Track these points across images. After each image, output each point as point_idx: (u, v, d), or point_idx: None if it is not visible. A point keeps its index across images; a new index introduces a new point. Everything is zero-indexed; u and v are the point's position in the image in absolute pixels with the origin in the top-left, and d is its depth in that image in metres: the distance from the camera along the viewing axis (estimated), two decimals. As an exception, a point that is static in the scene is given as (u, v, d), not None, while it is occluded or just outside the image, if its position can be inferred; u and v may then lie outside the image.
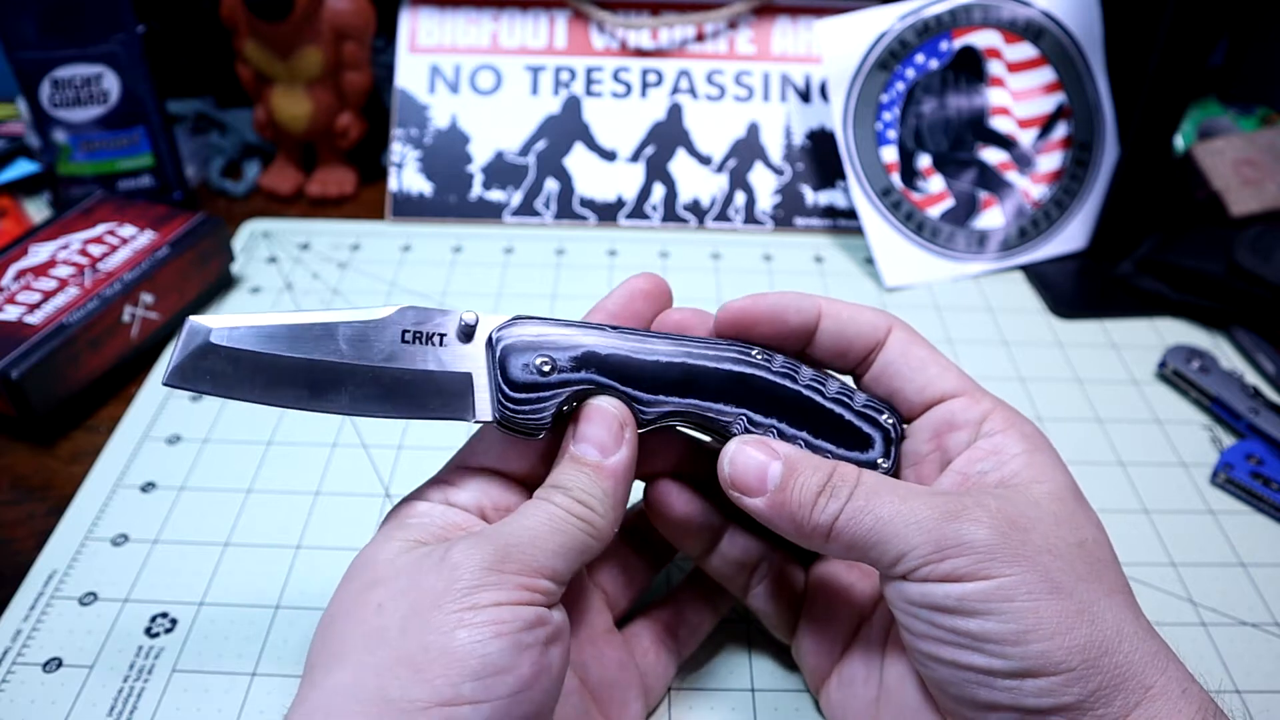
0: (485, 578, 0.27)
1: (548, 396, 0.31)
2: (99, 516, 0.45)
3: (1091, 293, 0.62)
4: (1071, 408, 0.53)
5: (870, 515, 0.29)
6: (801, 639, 0.36)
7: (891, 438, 0.33)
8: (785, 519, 0.30)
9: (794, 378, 0.33)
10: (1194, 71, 0.59)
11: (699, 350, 0.32)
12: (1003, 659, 0.27)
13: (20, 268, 0.53)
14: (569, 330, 0.32)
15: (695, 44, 0.69)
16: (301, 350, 0.31)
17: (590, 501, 0.30)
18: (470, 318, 0.32)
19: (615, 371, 0.32)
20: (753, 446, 0.31)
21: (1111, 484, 0.48)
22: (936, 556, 0.28)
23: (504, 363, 0.31)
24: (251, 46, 0.66)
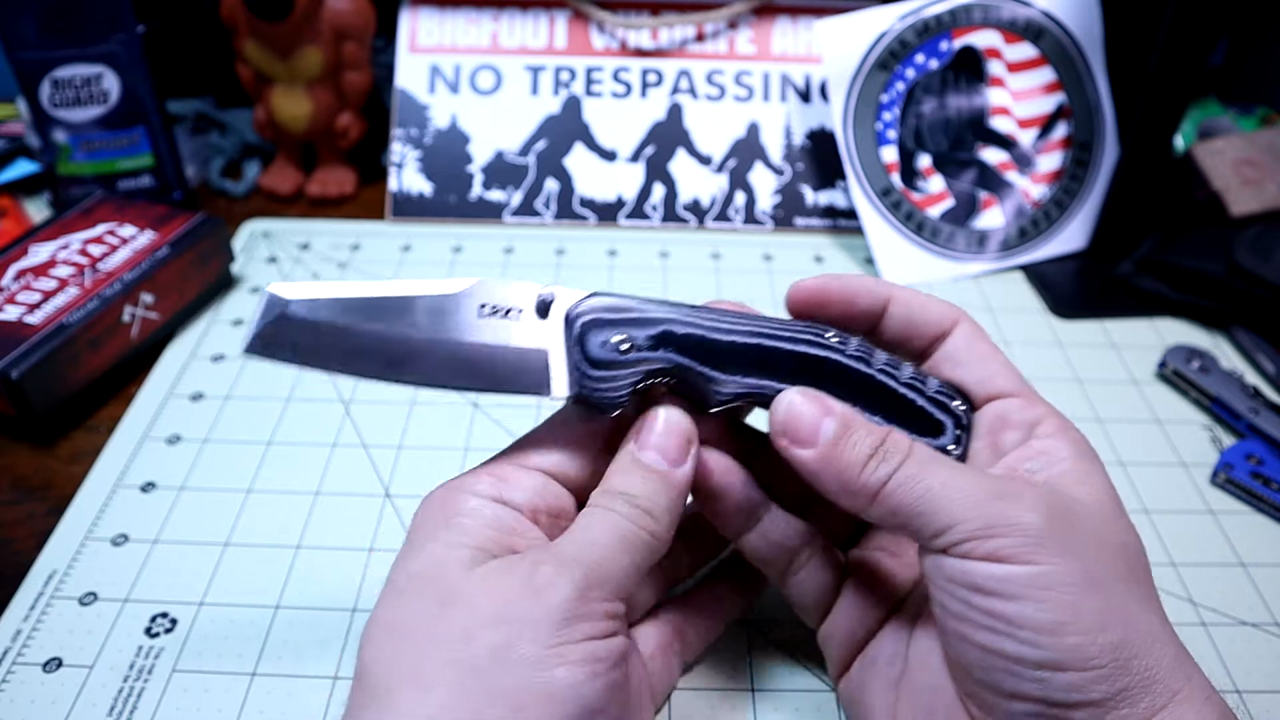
0: (577, 609, 0.27)
1: (625, 374, 0.31)
2: (99, 516, 0.45)
3: (1091, 293, 0.62)
4: (1071, 408, 0.53)
5: (921, 484, 0.29)
6: (832, 624, 0.35)
7: (963, 424, 0.33)
8: (833, 475, 0.30)
9: (868, 361, 0.32)
10: (1194, 71, 0.59)
11: (774, 331, 0.32)
12: (1035, 648, 0.27)
13: (20, 268, 0.53)
14: (647, 308, 0.32)
15: (695, 44, 0.69)
16: (379, 323, 0.30)
17: (656, 511, 0.30)
18: (547, 293, 0.32)
19: (692, 350, 0.32)
20: (809, 398, 0.31)
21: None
22: (983, 533, 0.28)
23: (583, 340, 0.31)
24: (251, 46, 0.66)
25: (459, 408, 0.52)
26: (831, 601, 0.35)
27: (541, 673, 0.26)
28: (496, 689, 0.25)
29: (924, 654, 0.32)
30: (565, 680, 0.26)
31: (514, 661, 0.26)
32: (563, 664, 0.26)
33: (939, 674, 0.31)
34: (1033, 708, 0.27)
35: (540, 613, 0.26)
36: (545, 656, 0.26)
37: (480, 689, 0.26)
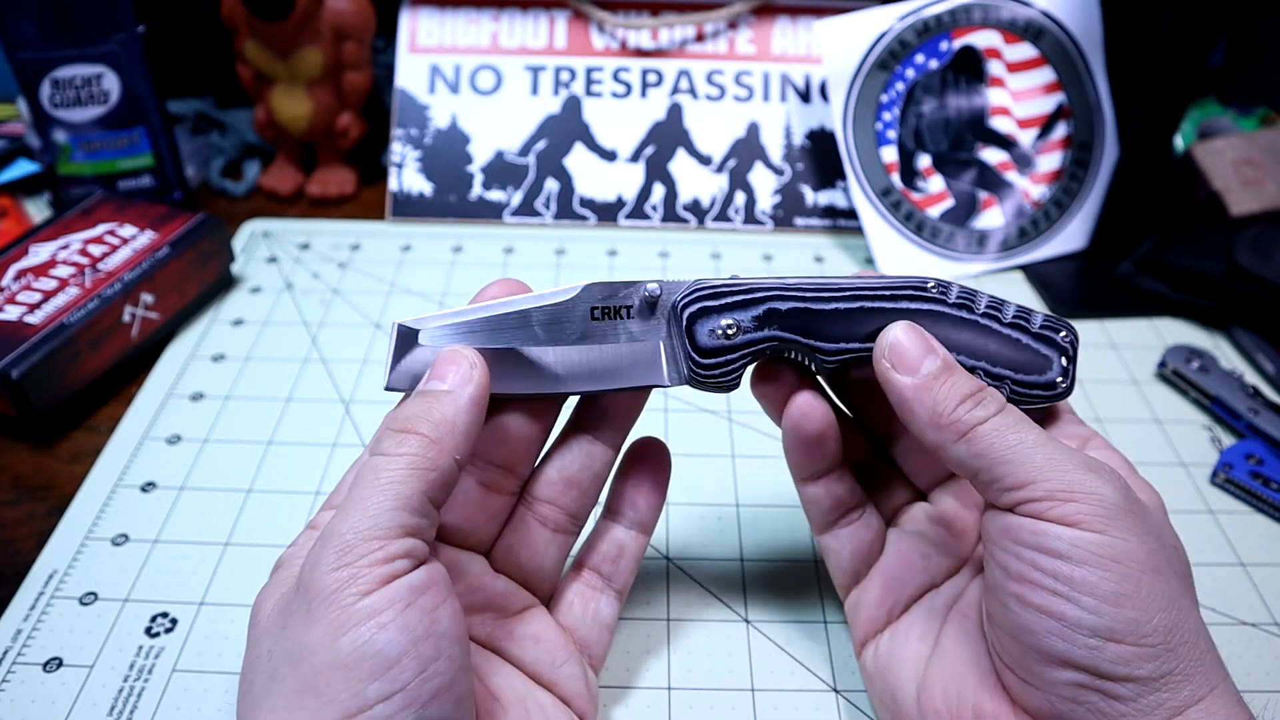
0: (339, 576, 0.26)
1: (736, 358, 0.33)
2: (99, 516, 0.45)
3: (1091, 293, 0.62)
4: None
5: (1015, 435, 0.30)
6: (866, 592, 0.36)
7: (1069, 355, 0.34)
8: (926, 406, 0.31)
9: (971, 308, 0.33)
10: (1194, 71, 0.59)
11: (875, 292, 0.33)
12: (1094, 615, 0.27)
13: (20, 268, 0.53)
14: (749, 290, 0.33)
15: (695, 44, 0.69)
16: (502, 340, 0.32)
17: (422, 427, 0.29)
18: (654, 288, 0.33)
19: (797, 324, 0.33)
20: (918, 334, 0.32)
21: (1111, 484, 0.48)
22: (1064, 494, 0.28)
23: (691, 331, 0.32)
24: (251, 46, 0.66)
25: (459, 408, 0.51)
26: (864, 570, 0.36)
27: (327, 653, 0.26)
28: (299, 685, 0.26)
29: (961, 630, 0.33)
30: (349, 645, 0.25)
31: (304, 654, 0.26)
32: (343, 633, 0.26)
33: (975, 650, 0.32)
34: (1079, 677, 0.28)
35: (309, 600, 0.26)
36: (325, 635, 0.26)
37: (286, 692, 0.26)
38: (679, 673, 0.38)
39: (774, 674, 0.39)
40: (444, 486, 0.29)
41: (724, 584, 0.42)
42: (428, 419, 0.29)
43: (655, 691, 0.38)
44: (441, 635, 0.27)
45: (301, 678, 0.26)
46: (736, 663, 0.39)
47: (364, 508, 0.27)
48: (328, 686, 0.25)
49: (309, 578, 0.27)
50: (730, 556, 0.43)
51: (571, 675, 0.35)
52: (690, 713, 0.37)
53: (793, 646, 0.40)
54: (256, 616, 0.29)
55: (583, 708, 0.34)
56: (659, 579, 0.42)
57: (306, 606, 0.26)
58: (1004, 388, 0.33)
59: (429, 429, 0.29)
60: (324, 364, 0.54)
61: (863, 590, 0.36)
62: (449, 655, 0.27)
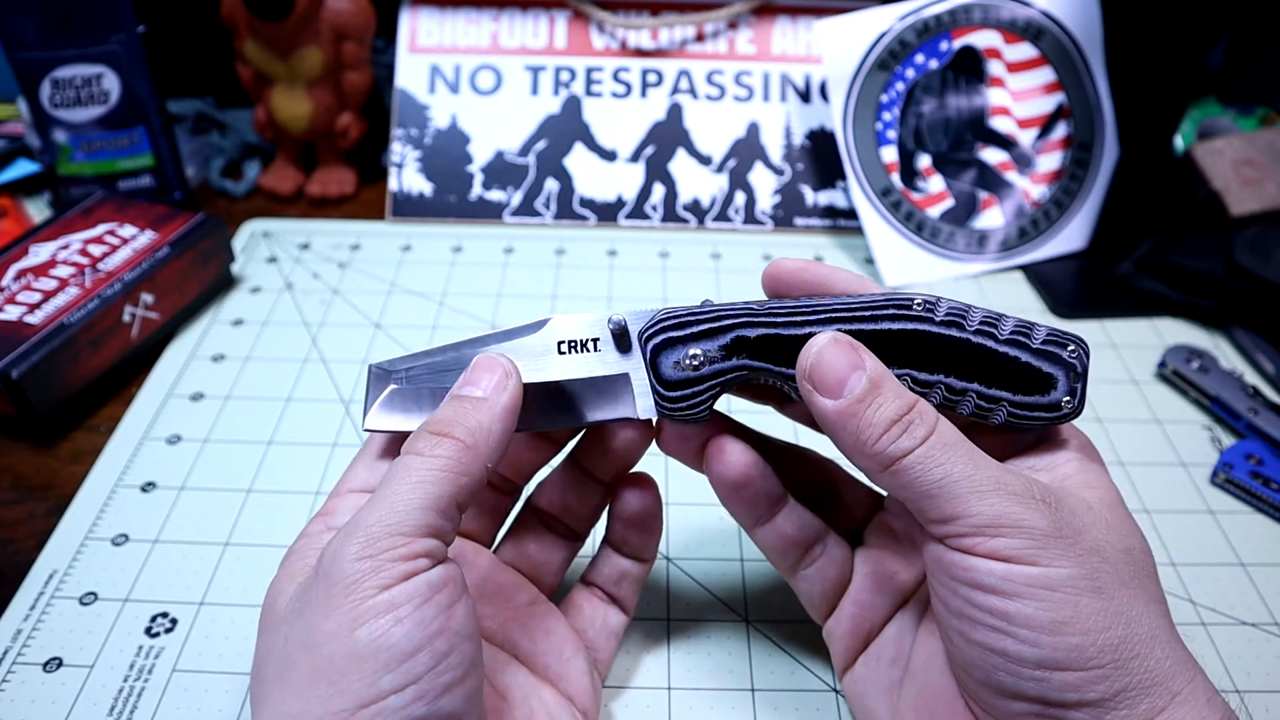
0: (360, 568, 0.26)
1: (702, 390, 0.31)
2: (99, 516, 0.45)
3: (1091, 293, 0.62)
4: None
5: (940, 468, 0.28)
6: (837, 620, 0.36)
7: (1077, 372, 0.31)
8: (849, 434, 0.29)
9: (961, 324, 0.31)
10: (1194, 71, 0.59)
11: (852, 312, 0.31)
12: (1034, 647, 0.27)
13: (20, 268, 0.53)
14: (715, 319, 0.31)
15: (695, 44, 0.69)
16: None
17: (457, 431, 0.29)
18: (619, 318, 0.32)
19: (766, 352, 0.31)
20: (841, 347, 0.30)
21: (1111, 484, 0.48)
22: (990, 530, 0.28)
23: (656, 364, 0.32)
24: (251, 46, 0.66)
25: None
26: (838, 597, 0.36)
27: (344, 640, 0.26)
28: (312, 671, 0.26)
29: (928, 653, 0.32)
30: (366, 637, 0.26)
31: (319, 641, 0.26)
32: (360, 624, 0.26)
33: (942, 673, 0.31)
34: (1031, 708, 0.27)
35: (327, 589, 0.27)
36: (341, 625, 0.26)
37: (300, 678, 0.26)
38: (679, 673, 0.38)
39: (774, 674, 0.39)
40: (472, 492, 0.29)
41: (724, 584, 0.42)
42: (464, 424, 0.29)
43: (655, 691, 0.38)
44: (455, 632, 0.27)
45: (315, 664, 0.26)
46: (736, 663, 0.39)
47: (393, 503, 0.28)
48: (342, 675, 0.25)
49: (330, 565, 0.27)
50: (730, 556, 0.43)
51: (579, 670, 0.35)
52: (690, 713, 0.37)
53: (793, 646, 0.40)
54: (272, 606, 0.29)
55: (586, 705, 0.34)
56: (659, 579, 0.42)
57: (325, 594, 0.27)
58: (999, 410, 0.31)
59: (464, 434, 0.29)
60: (324, 364, 0.54)
61: (836, 620, 0.36)
62: (461, 651, 0.27)
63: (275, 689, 0.27)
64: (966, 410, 0.31)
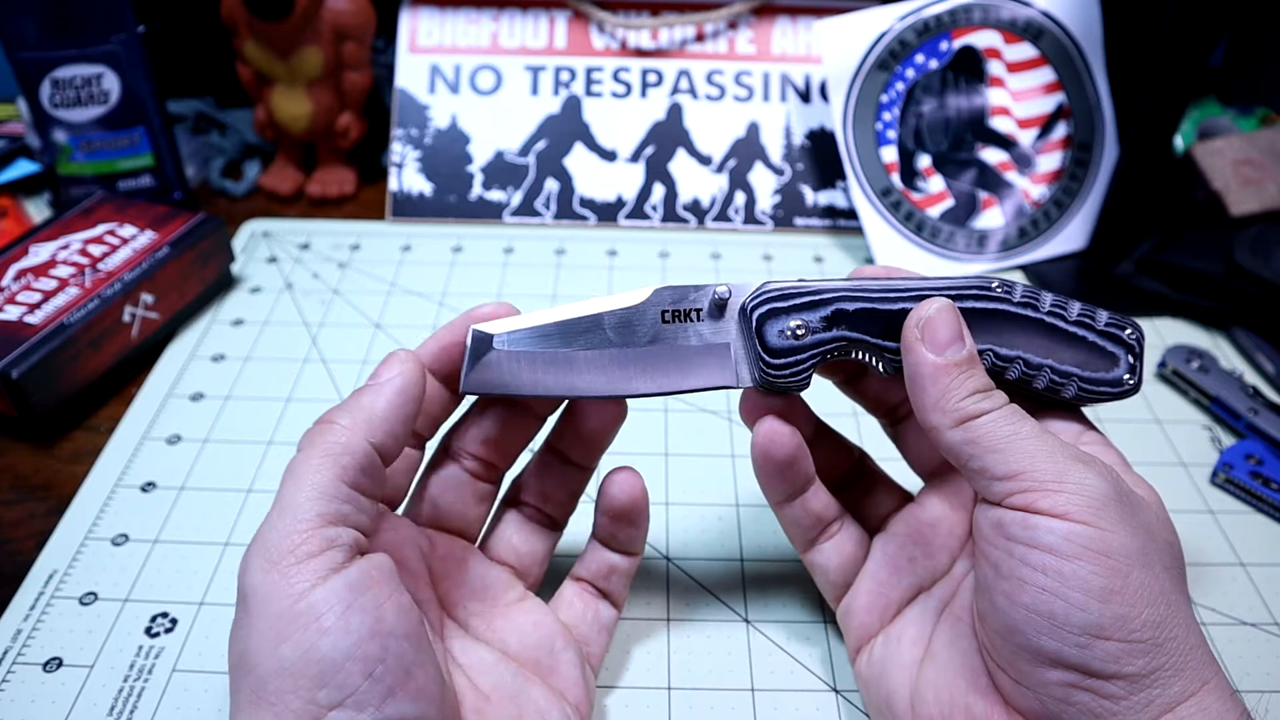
0: (270, 581, 0.26)
1: (805, 358, 0.33)
2: (99, 516, 0.45)
3: (1091, 293, 0.62)
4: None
5: (1010, 427, 0.30)
6: (855, 599, 0.36)
7: (1136, 352, 0.34)
8: (938, 387, 0.31)
9: (1036, 306, 0.33)
10: (1194, 71, 0.59)
11: (941, 291, 0.33)
12: (1083, 611, 0.27)
13: (20, 268, 0.53)
14: (816, 291, 0.33)
15: (695, 44, 0.69)
16: (575, 344, 0.33)
17: (335, 414, 0.29)
18: (723, 291, 0.33)
19: (865, 324, 0.33)
20: (955, 315, 0.32)
21: (1111, 484, 0.48)
22: (1053, 485, 0.28)
23: (761, 332, 0.33)
24: (251, 46, 0.66)
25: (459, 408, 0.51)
26: (852, 577, 0.36)
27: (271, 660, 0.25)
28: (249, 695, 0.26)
29: (952, 634, 0.33)
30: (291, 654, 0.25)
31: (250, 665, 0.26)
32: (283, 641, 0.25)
33: (966, 653, 0.32)
34: (1069, 676, 0.28)
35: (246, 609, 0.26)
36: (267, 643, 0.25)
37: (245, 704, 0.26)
38: (679, 673, 0.38)
39: (774, 674, 0.39)
40: (362, 470, 0.28)
41: (724, 584, 0.42)
42: (345, 410, 0.30)
43: (655, 691, 0.38)
44: (388, 633, 0.26)
45: (251, 688, 0.25)
46: (736, 663, 0.39)
47: (282, 505, 0.27)
48: (276, 696, 0.25)
49: (242, 583, 0.26)
50: (730, 556, 0.43)
51: (569, 663, 0.35)
52: (690, 713, 0.37)
53: (793, 646, 0.40)
54: None
55: (578, 700, 0.34)
56: (659, 579, 0.42)
57: (245, 614, 0.26)
58: (1071, 385, 0.33)
59: (343, 417, 0.29)
60: (324, 364, 0.54)
61: (852, 597, 0.36)
62: (396, 653, 0.26)
63: (237, 683, 0.26)
64: (1041, 385, 0.34)
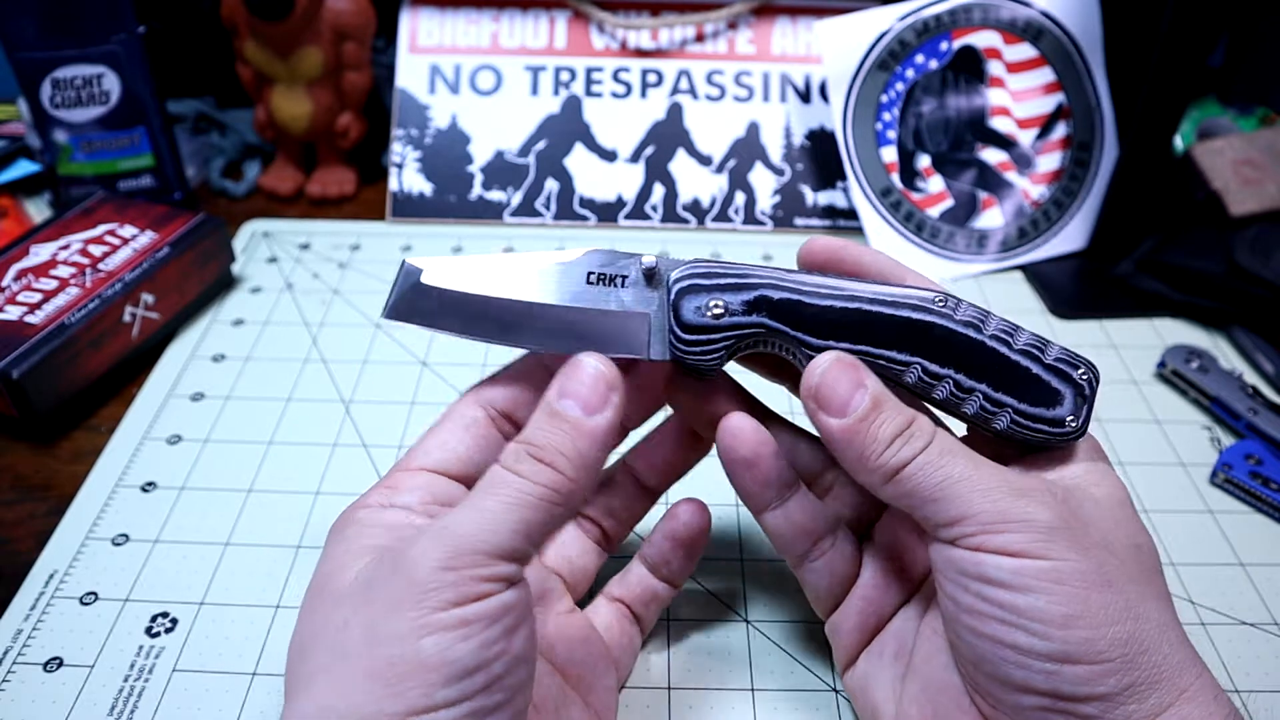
0: (442, 578, 0.26)
1: (719, 339, 0.32)
2: (99, 516, 0.45)
3: (1091, 293, 0.62)
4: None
5: (941, 471, 0.29)
6: (842, 615, 0.35)
7: (1085, 394, 0.32)
8: (855, 450, 0.30)
9: (979, 327, 0.32)
10: (1194, 71, 0.59)
11: (877, 295, 0.32)
12: (1045, 640, 0.27)
13: (21, 268, 0.53)
14: (745, 274, 0.32)
15: (695, 44, 0.69)
16: (500, 289, 0.33)
17: (560, 463, 0.29)
18: (650, 260, 0.33)
19: (786, 315, 0.32)
20: (845, 367, 0.30)
21: (1111, 484, 0.48)
22: (996, 527, 0.28)
23: (678, 305, 0.32)
24: (251, 46, 0.66)
25: (459, 408, 0.51)
26: (844, 593, 0.35)
27: (409, 645, 0.26)
28: (369, 668, 0.26)
29: (931, 649, 0.32)
30: (432, 647, 0.26)
31: (381, 639, 0.26)
32: (429, 633, 0.26)
33: (946, 669, 0.31)
34: (1042, 701, 0.28)
35: (404, 588, 0.26)
36: (411, 629, 0.26)
37: (353, 671, 0.26)
38: (679, 673, 0.38)
39: (774, 674, 0.39)
40: (563, 521, 0.29)
41: (724, 584, 0.42)
42: (568, 454, 0.29)
43: (655, 691, 0.38)
44: (515, 656, 0.27)
45: (374, 662, 0.26)
46: (736, 663, 0.39)
47: (487, 520, 0.27)
48: (400, 679, 0.26)
49: (411, 566, 0.27)
50: (730, 556, 0.43)
51: (607, 687, 0.35)
52: (690, 713, 0.37)
53: (793, 646, 0.40)
54: (329, 579, 0.29)
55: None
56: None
57: (399, 593, 0.26)
58: (1003, 415, 0.31)
59: (567, 467, 0.29)
60: (324, 364, 0.54)
61: (841, 615, 0.35)
62: (516, 675, 0.27)
63: (322, 676, 0.26)
64: (971, 410, 0.32)
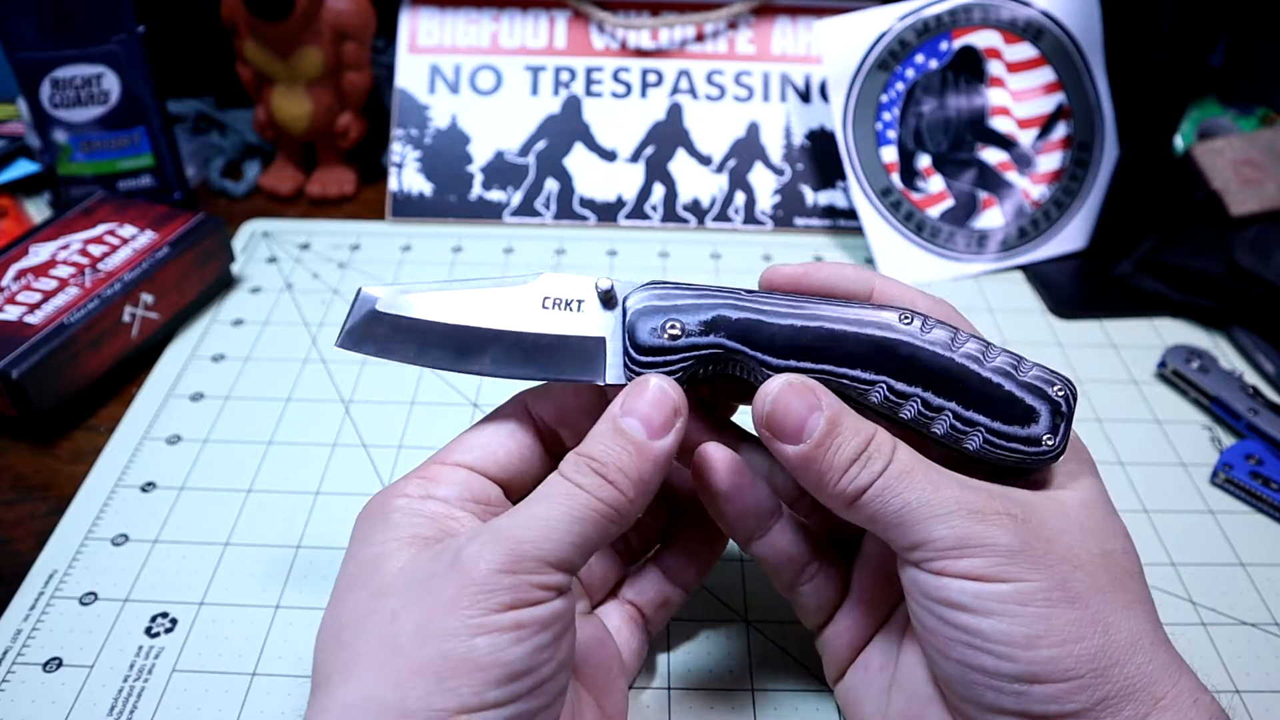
0: (500, 580, 0.27)
1: (674, 360, 0.31)
2: (99, 516, 0.45)
3: (1091, 293, 0.62)
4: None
5: (899, 498, 0.28)
6: (833, 629, 0.35)
7: (1062, 412, 0.30)
8: (813, 475, 0.29)
9: (948, 344, 0.31)
10: (1194, 71, 0.59)
11: (839, 314, 0.31)
12: (1011, 661, 0.27)
13: (20, 268, 0.53)
14: (702, 295, 0.32)
15: (695, 44, 0.69)
16: (454, 315, 0.33)
17: (621, 482, 0.29)
18: (605, 284, 0.33)
19: (744, 336, 0.31)
20: (797, 391, 0.29)
21: (1111, 484, 0.47)
22: (956, 553, 0.28)
23: (633, 327, 0.32)
24: (251, 46, 0.66)
25: (459, 408, 0.52)
26: (833, 612, 0.35)
27: (463, 643, 0.26)
28: (418, 663, 0.26)
29: (913, 662, 0.32)
30: (486, 647, 0.26)
31: (434, 635, 0.26)
32: (483, 633, 0.26)
33: (927, 685, 0.31)
34: None
35: (460, 587, 0.27)
36: (466, 628, 0.26)
37: (403, 665, 0.26)
38: (679, 673, 0.38)
39: (774, 674, 0.39)
40: (613, 538, 0.30)
41: (724, 584, 0.42)
42: (628, 475, 0.29)
43: (655, 691, 0.38)
44: (559, 663, 0.28)
45: (425, 658, 0.26)
46: (736, 663, 0.39)
47: (548, 529, 0.28)
48: (451, 677, 0.26)
49: (470, 564, 0.27)
50: (730, 556, 0.43)
51: (620, 691, 0.35)
52: (690, 713, 0.37)
53: (793, 646, 0.40)
54: (376, 568, 0.29)
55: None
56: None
57: (455, 590, 0.27)
58: (975, 435, 0.30)
59: (628, 487, 0.29)
60: (324, 364, 0.54)
61: (833, 633, 0.35)
62: (558, 680, 0.28)
63: (370, 665, 0.26)
64: (941, 430, 0.31)
